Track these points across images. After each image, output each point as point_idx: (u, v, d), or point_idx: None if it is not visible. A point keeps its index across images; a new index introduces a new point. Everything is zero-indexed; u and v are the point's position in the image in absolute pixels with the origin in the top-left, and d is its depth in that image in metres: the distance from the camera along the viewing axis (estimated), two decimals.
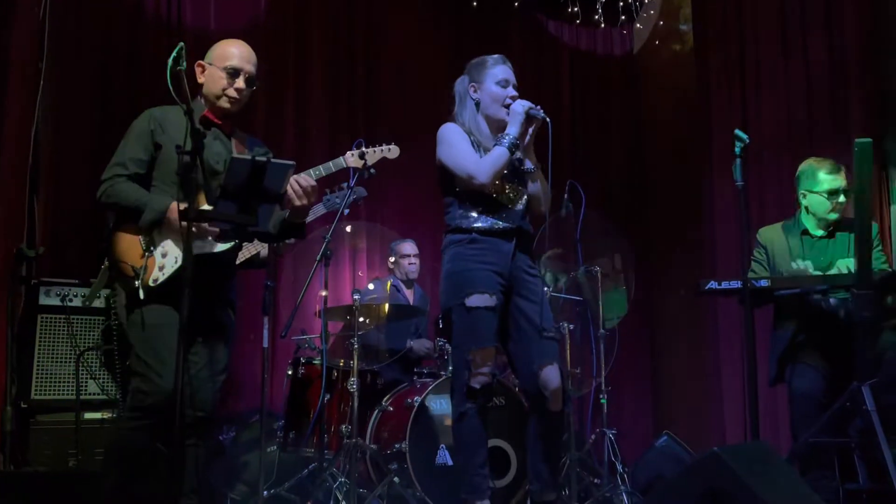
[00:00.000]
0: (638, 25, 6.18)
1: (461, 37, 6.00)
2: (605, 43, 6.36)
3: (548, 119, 3.05)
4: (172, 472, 2.28)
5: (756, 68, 4.91)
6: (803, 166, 3.71)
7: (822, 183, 3.61)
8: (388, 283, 4.87)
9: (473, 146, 3.09)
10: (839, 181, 3.58)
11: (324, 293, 3.98)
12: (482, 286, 2.99)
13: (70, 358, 3.90)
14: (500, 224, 3.06)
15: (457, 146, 3.08)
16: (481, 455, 3.00)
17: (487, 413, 3.04)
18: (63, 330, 3.93)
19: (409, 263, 4.95)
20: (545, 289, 3.18)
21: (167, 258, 2.65)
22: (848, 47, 4.32)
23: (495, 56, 3.22)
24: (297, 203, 2.71)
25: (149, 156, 2.75)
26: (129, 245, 2.68)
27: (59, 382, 3.90)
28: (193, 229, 2.36)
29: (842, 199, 3.57)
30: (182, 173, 2.32)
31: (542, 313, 3.05)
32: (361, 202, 3.76)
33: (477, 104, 3.18)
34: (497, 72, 3.16)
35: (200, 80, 2.85)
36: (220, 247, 2.69)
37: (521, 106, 3.07)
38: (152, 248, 2.66)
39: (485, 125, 3.17)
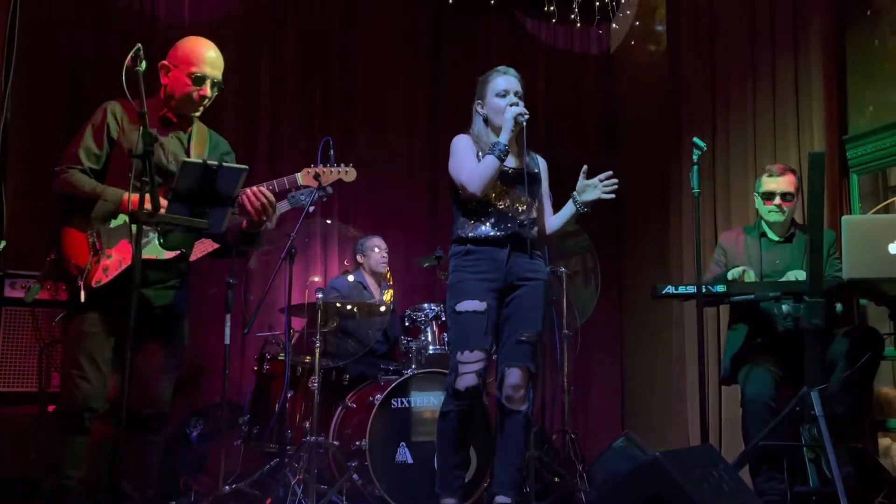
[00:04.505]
0: (614, 25, 6.19)
1: (437, 33, 6.01)
2: (582, 42, 6.37)
3: (522, 119, 3.09)
4: (112, 468, 2.31)
5: (726, 71, 4.94)
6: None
7: (761, 185, 3.69)
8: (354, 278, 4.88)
9: (479, 158, 3.15)
10: (774, 184, 3.64)
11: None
12: (473, 294, 3.10)
13: (34, 351, 3.91)
14: (494, 232, 3.14)
15: (459, 157, 3.18)
16: (457, 456, 3.12)
17: (472, 417, 3.11)
18: (27, 323, 3.93)
19: (382, 257, 4.97)
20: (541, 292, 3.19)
21: (111, 260, 2.64)
22: (812, 53, 4.35)
23: (498, 68, 3.29)
24: (254, 217, 2.71)
25: (104, 151, 2.71)
26: (76, 242, 2.66)
27: (23, 375, 3.92)
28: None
29: (777, 201, 3.62)
30: (136, 177, 2.32)
31: (525, 317, 3.14)
32: (326, 200, 3.77)
33: (485, 119, 3.27)
34: (497, 83, 3.23)
35: (164, 80, 2.80)
36: (170, 254, 2.69)
37: (511, 112, 3.10)
38: (98, 248, 2.65)
39: (494, 138, 3.17)
